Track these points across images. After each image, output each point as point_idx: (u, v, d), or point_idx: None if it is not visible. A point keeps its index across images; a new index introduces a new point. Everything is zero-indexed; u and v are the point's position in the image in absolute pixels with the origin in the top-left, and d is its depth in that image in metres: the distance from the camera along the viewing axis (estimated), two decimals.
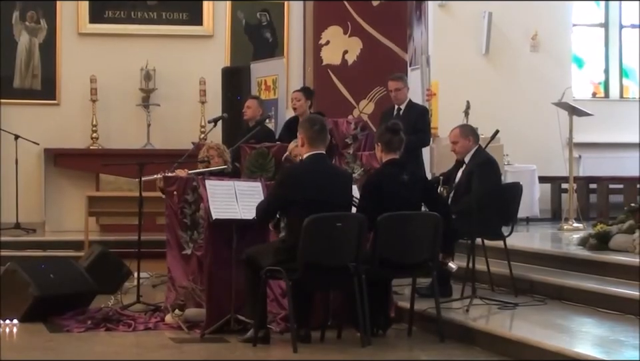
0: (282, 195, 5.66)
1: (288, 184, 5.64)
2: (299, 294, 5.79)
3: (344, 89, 9.81)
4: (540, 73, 11.88)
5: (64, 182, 10.85)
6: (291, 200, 5.60)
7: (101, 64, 10.95)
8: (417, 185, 6.05)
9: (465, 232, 6.62)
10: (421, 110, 8.43)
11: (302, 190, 5.58)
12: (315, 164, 5.69)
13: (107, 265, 7.71)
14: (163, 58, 11.09)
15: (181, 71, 11.12)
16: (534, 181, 10.80)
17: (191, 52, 11.19)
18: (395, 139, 6.03)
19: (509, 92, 11.83)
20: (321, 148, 5.74)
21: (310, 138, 5.72)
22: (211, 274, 6.30)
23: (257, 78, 10.25)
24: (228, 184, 6.30)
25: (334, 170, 6.04)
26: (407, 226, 5.82)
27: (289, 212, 5.67)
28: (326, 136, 5.80)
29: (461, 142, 7.06)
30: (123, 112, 11.12)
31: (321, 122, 5.82)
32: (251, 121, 8.72)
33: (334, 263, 5.63)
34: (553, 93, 10.38)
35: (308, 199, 5.56)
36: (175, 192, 6.76)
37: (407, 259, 5.87)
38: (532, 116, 11.68)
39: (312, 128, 5.73)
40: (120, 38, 11.07)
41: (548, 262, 7.33)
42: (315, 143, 5.72)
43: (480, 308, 6.33)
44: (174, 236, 6.79)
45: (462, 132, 7.11)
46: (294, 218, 5.60)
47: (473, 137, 7.09)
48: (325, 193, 5.60)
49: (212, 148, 7.56)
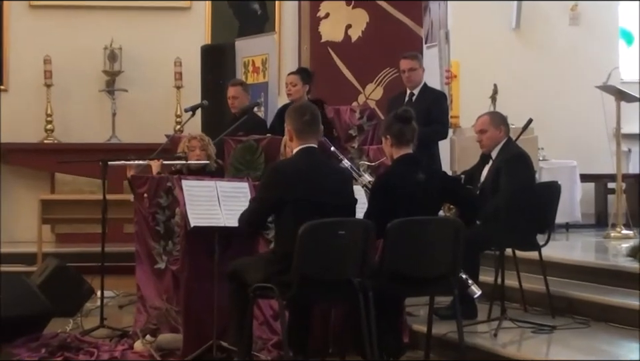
0: (269, 198, 5.64)
1: (274, 185, 5.63)
2: (294, 316, 5.78)
3: (347, 71, 9.79)
4: (581, 51, 11.90)
5: (14, 182, 10.85)
6: (280, 203, 5.59)
7: (57, 42, 10.96)
8: (434, 184, 6.03)
9: (493, 241, 6.61)
10: (437, 96, 8.44)
11: (292, 189, 5.56)
12: (306, 158, 5.68)
13: (64, 282, 7.69)
14: (130, 34, 11.09)
15: (152, 50, 11.13)
16: (574, 180, 10.80)
17: (164, 27, 11.20)
18: (407, 130, 6.00)
19: (543, 74, 11.84)
20: (312, 141, 5.73)
21: (299, 130, 5.72)
22: (189, 292, 6.30)
23: (243, 58, 10.25)
24: (209, 184, 6.30)
25: (330, 166, 6.03)
26: (423, 233, 5.80)
27: (279, 216, 5.66)
28: (318, 127, 5.80)
29: (490, 132, 7.04)
30: (83, 99, 11.12)
31: (311, 111, 5.81)
32: (237, 112, 8.71)
33: (335, 278, 5.62)
34: (596, 75, 10.39)
35: (300, 200, 5.55)
36: (145, 195, 6.75)
37: (422, 273, 5.85)
38: (572, 103, 11.70)
39: (301, 119, 5.72)
40: (79, 11, 11.09)
41: (591, 277, 7.32)
42: (306, 136, 5.72)
43: (510, 332, 6.32)
44: (144, 247, 6.79)
45: (492, 120, 7.10)
46: (284, 224, 5.59)
47: (505, 128, 7.08)
48: (320, 192, 5.59)
49: (194, 139, 7.58)
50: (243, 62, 10.24)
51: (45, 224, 9.57)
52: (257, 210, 5.69)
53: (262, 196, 5.70)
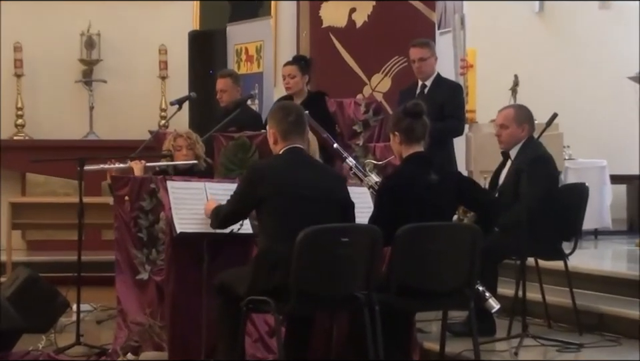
0: (249, 193, 5.66)
1: (256, 179, 5.64)
2: (292, 332, 5.79)
3: (351, 60, 9.79)
4: (611, 38, 11.90)
5: None
6: (256, 201, 5.60)
7: (29, 28, 10.96)
8: (448, 186, 6.04)
9: (513, 249, 6.61)
10: (452, 88, 8.46)
11: (276, 184, 5.58)
12: (290, 156, 5.72)
13: (36, 294, 7.67)
14: (110, 19, 11.11)
15: (134, 37, 11.14)
16: (604, 181, 10.80)
17: (148, 11, 11.21)
18: (417, 125, 6.01)
19: (570, 63, 11.85)
20: (299, 142, 5.76)
21: (285, 131, 5.75)
22: (175, 306, 6.30)
23: (235, 46, 10.26)
24: (197, 186, 6.30)
25: (320, 164, 6.10)
26: (435, 240, 5.80)
27: (261, 212, 5.66)
28: (305, 128, 5.85)
29: (511, 129, 7.05)
30: (57, 91, 11.13)
31: (296, 111, 5.87)
32: (228, 105, 8.71)
33: (338, 292, 5.62)
34: (628, 65, 10.39)
35: (286, 193, 5.55)
36: (126, 197, 6.75)
37: (434, 285, 5.85)
38: (601, 96, 11.70)
39: (286, 119, 5.76)
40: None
41: (623, 290, 7.33)
42: (292, 137, 5.75)
43: (533, 351, 6.33)
44: (125, 255, 6.80)
45: (517, 116, 7.10)
46: (269, 218, 5.59)
47: (528, 127, 7.08)
48: (310, 186, 5.60)
49: (180, 137, 7.59)
50: (235, 49, 10.25)
51: (14, 229, 9.57)
52: (231, 210, 5.77)
53: (242, 191, 5.73)
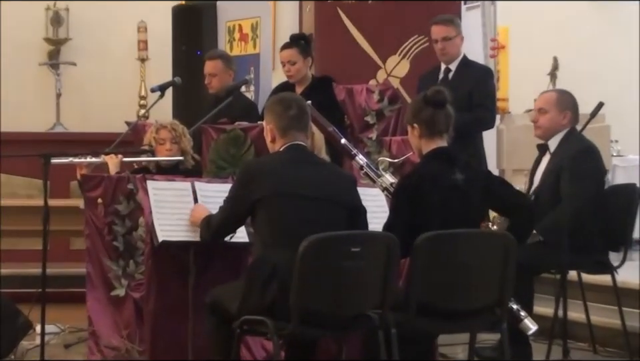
0: (243, 197, 5.67)
1: (251, 179, 5.65)
2: (292, 359, 5.77)
3: (363, 39, 9.78)
4: None
5: None
6: (256, 200, 5.61)
7: None
8: (476, 187, 6.03)
9: (552, 261, 6.61)
10: (481, 73, 8.48)
11: (273, 184, 5.59)
12: (291, 153, 5.72)
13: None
14: None
15: (108, 12, 11.15)
16: None
17: None
18: (440, 116, 6.01)
19: (616, 45, 11.85)
20: (301, 138, 5.77)
21: (285, 127, 5.76)
22: (156, 327, 6.33)
23: (226, 23, 10.27)
24: (183, 186, 6.32)
25: (326, 163, 6.12)
26: (461, 251, 5.79)
27: (256, 216, 5.67)
28: (307, 122, 5.87)
29: (551, 114, 7.08)
30: (18, 75, 11.16)
31: (297, 103, 5.87)
32: (219, 92, 8.72)
33: (347, 311, 5.62)
34: None
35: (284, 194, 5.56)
36: (99, 200, 6.76)
37: (460, 303, 5.85)
38: None
39: (287, 113, 5.77)
40: None
41: None
42: (293, 133, 5.77)
43: None
44: (98, 268, 6.83)
45: (559, 100, 7.13)
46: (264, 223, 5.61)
47: (572, 115, 7.10)
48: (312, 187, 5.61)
49: (164, 129, 7.61)
50: (227, 27, 10.26)
51: None
52: (224, 218, 5.80)
53: (236, 195, 5.74)
